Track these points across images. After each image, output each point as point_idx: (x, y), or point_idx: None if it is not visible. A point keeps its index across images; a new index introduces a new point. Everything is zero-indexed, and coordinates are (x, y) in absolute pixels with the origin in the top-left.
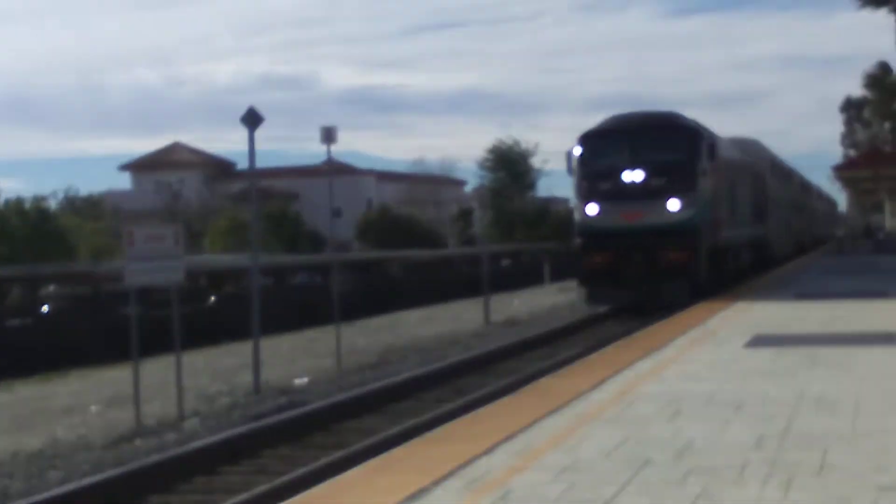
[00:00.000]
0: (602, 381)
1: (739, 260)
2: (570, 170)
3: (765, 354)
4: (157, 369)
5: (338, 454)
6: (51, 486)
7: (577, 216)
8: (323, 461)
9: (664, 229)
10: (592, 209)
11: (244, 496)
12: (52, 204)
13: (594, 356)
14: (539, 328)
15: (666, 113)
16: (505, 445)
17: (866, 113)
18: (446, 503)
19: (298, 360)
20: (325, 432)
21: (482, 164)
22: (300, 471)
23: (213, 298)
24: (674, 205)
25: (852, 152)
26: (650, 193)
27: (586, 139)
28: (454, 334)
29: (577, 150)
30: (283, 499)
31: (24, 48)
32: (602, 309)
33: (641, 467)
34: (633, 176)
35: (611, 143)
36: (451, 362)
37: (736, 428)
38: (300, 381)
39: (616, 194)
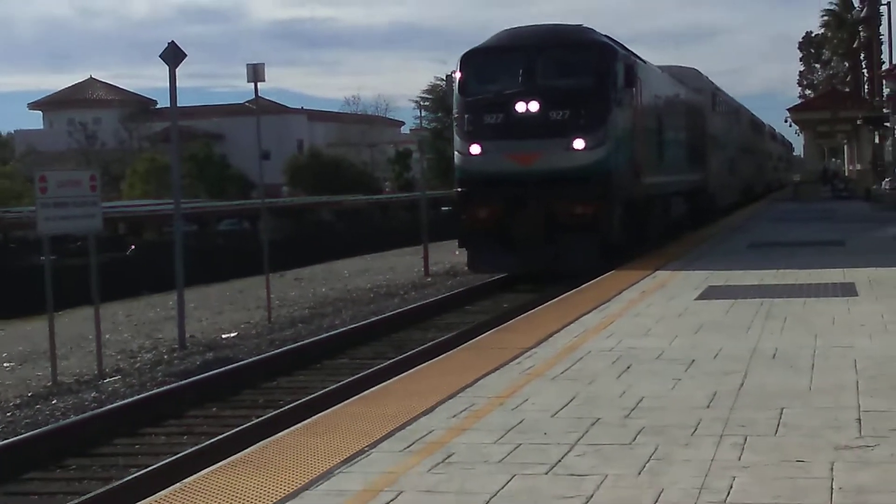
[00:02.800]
0: (548, 336)
1: (670, 211)
2: (451, 98)
3: (718, 307)
4: (74, 323)
5: (268, 414)
6: None
7: (457, 159)
8: (253, 421)
9: (566, 175)
10: (475, 150)
11: (168, 459)
12: None
13: (539, 309)
14: (482, 278)
15: (571, 26)
16: (446, 404)
17: (825, 52)
18: (385, 466)
19: (226, 313)
20: (254, 390)
21: (420, 104)
22: (228, 432)
23: (132, 247)
24: (579, 143)
25: (809, 93)
26: (548, 129)
27: (469, 59)
28: (391, 285)
29: (457, 73)
30: (212, 462)
31: None
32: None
33: (590, 426)
34: (527, 107)
35: (500, 64)
36: (388, 315)
37: (687, 385)
38: (228, 336)
39: (505, 131)
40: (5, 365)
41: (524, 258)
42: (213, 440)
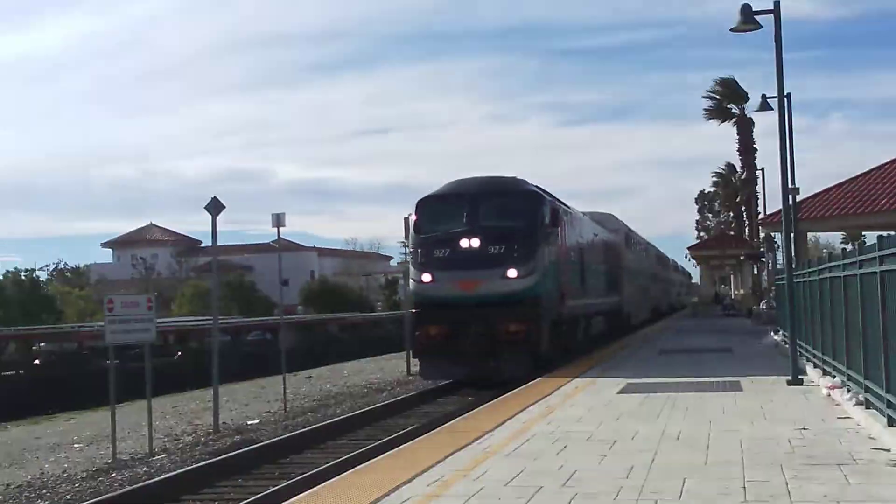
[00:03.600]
0: (504, 422)
1: (591, 329)
2: (406, 237)
3: (635, 399)
4: (131, 412)
5: (283, 483)
6: None
7: (411, 285)
8: (271, 489)
9: (502, 299)
10: (427, 278)
11: None
12: (43, 275)
13: (496, 401)
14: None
15: (506, 178)
16: (423, 476)
17: (715, 204)
18: None
19: (251, 405)
20: (273, 465)
21: (405, 244)
22: (252, 498)
23: (179, 353)
24: (512, 273)
25: (704, 235)
26: (487, 261)
27: (422, 204)
28: (381, 382)
29: (413, 216)
30: None
31: (28, 148)
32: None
33: (535, 493)
34: (470, 242)
35: (448, 207)
36: (378, 406)
37: (611, 461)
38: (252, 422)
39: (451, 262)
40: (75, 445)
41: (468, 368)
42: None
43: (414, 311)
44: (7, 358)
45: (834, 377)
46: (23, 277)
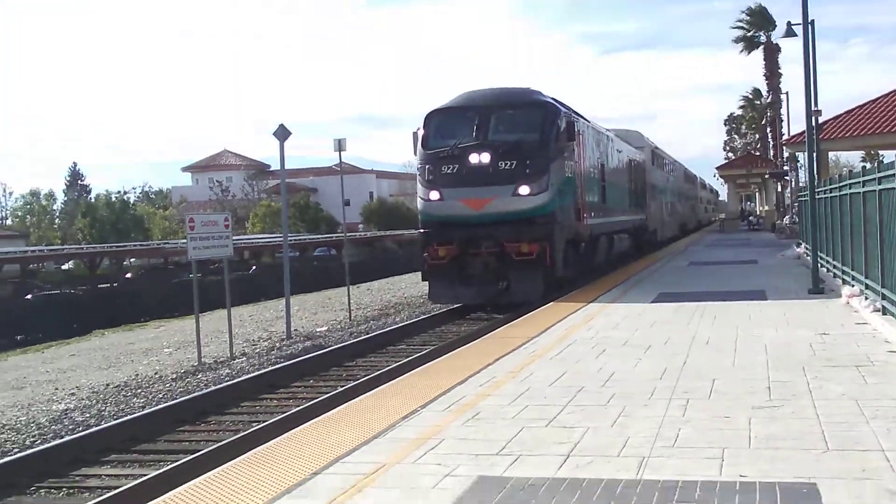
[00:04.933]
0: (546, 329)
1: (614, 246)
2: (415, 152)
3: (667, 308)
4: (212, 321)
5: (349, 384)
6: (135, 410)
7: (419, 203)
8: (339, 389)
9: (513, 218)
10: (434, 196)
11: (279, 417)
12: (132, 197)
13: (537, 311)
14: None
15: (520, 89)
16: (475, 377)
17: (742, 126)
18: (432, 421)
19: (319, 314)
20: (339, 367)
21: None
22: (322, 396)
23: (254, 267)
24: (524, 190)
25: (731, 155)
26: (497, 178)
27: (430, 117)
28: None
29: (421, 131)
30: (311, 418)
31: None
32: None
33: (577, 391)
34: (479, 158)
35: (457, 121)
36: (434, 313)
37: (646, 364)
38: (320, 329)
39: (460, 179)
40: (165, 350)
41: (478, 291)
42: (310, 403)
43: (421, 230)
44: (101, 271)
45: (853, 286)
46: (113, 199)
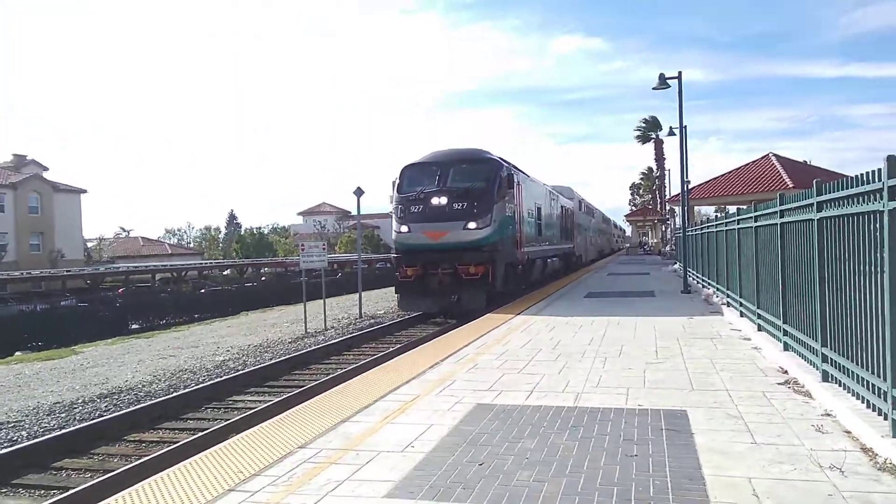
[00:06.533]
0: (516, 315)
1: (548, 267)
2: (391, 197)
3: (595, 301)
4: (312, 306)
5: (399, 346)
6: (266, 361)
7: (393, 235)
8: (392, 348)
9: (464, 246)
10: (404, 229)
11: (354, 365)
12: (265, 230)
13: (512, 304)
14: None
15: (474, 149)
16: (474, 343)
17: (641, 190)
18: (447, 369)
19: (379, 303)
20: (391, 335)
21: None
22: (381, 353)
23: (339, 274)
24: (472, 225)
25: (633, 207)
26: (452, 215)
27: (404, 170)
28: None
29: (396, 180)
30: (375, 366)
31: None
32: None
33: (537, 352)
34: (439, 200)
35: (423, 173)
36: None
37: (580, 336)
38: (380, 312)
39: (423, 216)
40: (284, 323)
41: (436, 302)
42: (374, 357)
43: (394, 255)
44: (247, 276)
45: (709, 289)
46: (255, 232)
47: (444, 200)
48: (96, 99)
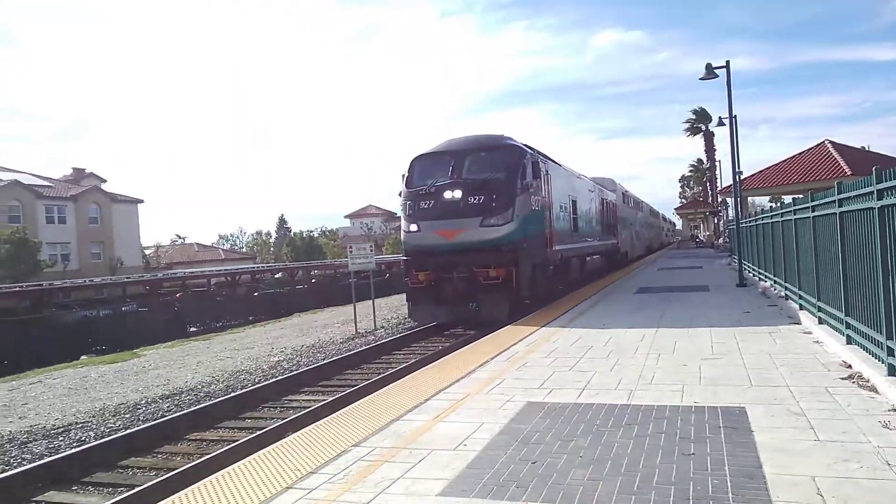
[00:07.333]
0: (563, 314)
1: (586, 266)
2: (400, 192)
3: (646, 296)
4: (362, 307)
5: (446, 345)
6: (319, 361)
7: (402, 235)
8: (440, 347)
9: (482, 246)
10: (413, 228)
11: (404, 364)
12: (315, 233)
13: (544, 310)
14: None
15: (493, 135)
16: (522, 341)
17: (691, 182)
18: (497, 367)
19: None
20: (440, 336)
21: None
22: (430, 352)
23: (387, 275)
24: (490, 221)
25: (684, 200)
26: (467, 211)
27: (414, 161)
28: None
29: (406, 173)
30: (422, 366)
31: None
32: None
33: (588, 350)
34: (452, 194)
35: (435, 164)
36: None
37: (631, 333)
38: None
39: (435, 213)
40: (335, 324)
41: (451, 311)
42: (422, 356)
43: (404, 258)
44: (297, 278)
45: (766, 282)
46: (304, 236)
47: (458, 194)
48: (151, 116)
